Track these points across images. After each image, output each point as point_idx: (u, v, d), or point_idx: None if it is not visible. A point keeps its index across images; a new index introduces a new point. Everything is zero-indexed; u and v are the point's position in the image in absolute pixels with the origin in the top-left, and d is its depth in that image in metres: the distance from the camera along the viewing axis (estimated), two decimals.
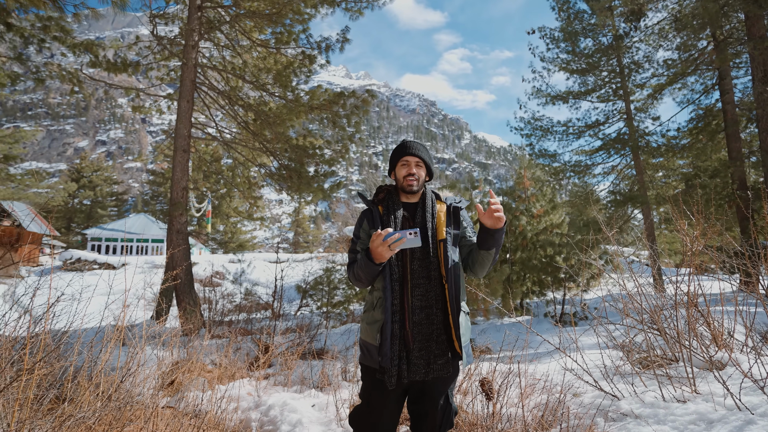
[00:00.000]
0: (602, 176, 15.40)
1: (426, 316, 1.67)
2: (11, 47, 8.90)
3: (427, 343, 1.65)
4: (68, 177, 40.38)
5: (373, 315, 1.71)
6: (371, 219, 1.79)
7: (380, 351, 1.62)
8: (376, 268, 1.61)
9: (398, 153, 1.83)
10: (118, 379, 2.24)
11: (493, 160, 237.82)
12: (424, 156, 1.82)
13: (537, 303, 9.41)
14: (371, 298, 1.77)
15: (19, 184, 17.03)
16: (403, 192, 1.82)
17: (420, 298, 1.67)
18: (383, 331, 1.62)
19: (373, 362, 1.67)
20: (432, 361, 1.64)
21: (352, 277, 1.74)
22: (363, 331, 1.77)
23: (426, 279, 1.69)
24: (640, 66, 14.85)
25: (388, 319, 1.62)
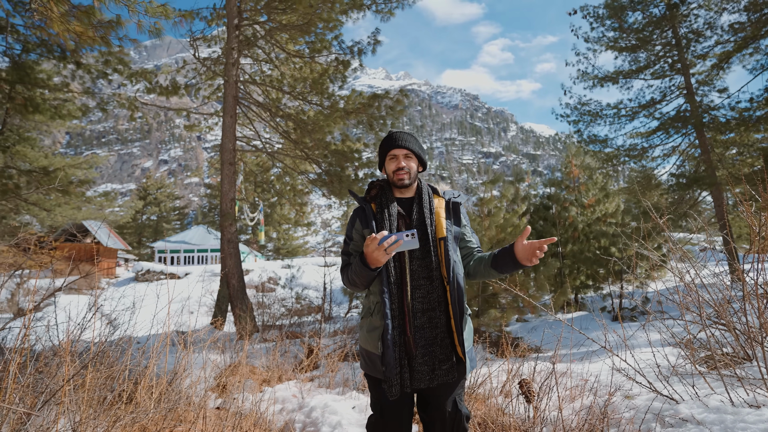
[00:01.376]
0: (662, 159, 14.22)
1: (428, 320, 1.57)
2: (81, 83, 9.92)
3: (430, 348, 1.55)
4: (136, 195, 44.07)
5: (372, 321, 1.60)
6: (364, 218, 1.67)
7: (383, 360, 1.51)
8: (372, 273, 1.51)
9: (385, 146, 1.71)
10: (166, 381, 2.39)
11: (542, 151, 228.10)
12: (412, 146, 1.68)
13: (593, 297, 8.85)
14: (368, 302, 1.66)
15: (96, 205, 18.87)
16: (395, 187, 1.70)
17: (421, 300, 1.57)
18: (384, 338, 1.51)
19: (377, 372, 1.57)
20: (437, 367, 1.55)
21: (346, 281, 1.64)
22: (362, 338, 1.66)
23: (427, 280, 1.59)
24: (700, 34, 13.55)
25: (388, 325, 1.51)
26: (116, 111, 12.07)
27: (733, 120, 12.84)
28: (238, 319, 7.59)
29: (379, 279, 1.57)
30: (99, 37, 4.47)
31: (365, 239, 1.62)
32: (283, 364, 4.43)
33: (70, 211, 16.70)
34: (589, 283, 8.25)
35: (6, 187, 11.01)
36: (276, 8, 8.69)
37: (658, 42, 13.88)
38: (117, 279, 22.81)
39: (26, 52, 9.16)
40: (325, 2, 7.93)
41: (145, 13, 4.18)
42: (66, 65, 9.23)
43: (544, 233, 8.52)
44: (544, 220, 8.78)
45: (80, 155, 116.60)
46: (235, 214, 8.58)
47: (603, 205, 8.98)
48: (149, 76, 10.16)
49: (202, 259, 32.51)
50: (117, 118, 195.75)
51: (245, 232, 35.29)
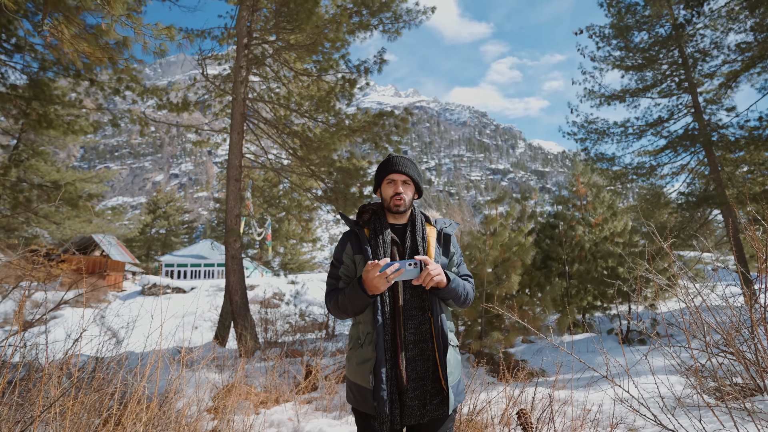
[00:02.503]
0: (671, 177, 14.08)
1: (420, 352, 1.52)
2: (95, 99, 10.19)
3: (422, 381, 1.49)
4: (146, 209, 44.62)
5: (362, 353, 1.52)
6: (356, 243, 1.63)
7: (375, 395, 1.43)
8: (368, 300, 1.46)
9: (383, 170, 1.67)
10: (156, 404, 2.34)
11: (550, 167, 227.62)
12: (411, 173, 1.64)
13: (601, 318, 8.65)
14: (356, 332, 1.59)
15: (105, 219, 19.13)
16: (390, 212, 1.66)
17: (413, 331, 1.52)
18: (377, 371, 1.44)
19: (368, 407, 1.48)
20: (427, 402, 1.49)
21: (333, 307, 1.57)
22: (351, 371, 1.57)
23: (419, 310, 1.55)
24: (707, 54, 13.56)
25: (381, 357, 1.44)
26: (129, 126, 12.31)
27: (743, 138, 12.71)
28: (240, 337, 7.53)
29: (371, 309, 1.52)
30: (107, 57, 4.60)
31: (356, 264, 1.60)
32: (281, 384, 4.36)
33: (79, 224, 16.93)
34: (597, 303, 8.08)
35: (17, 200, 11.23)
36: (284, 28, 8.88)
37: (664, 61, 13.90)
38: (124, 292, 22.92)
39: (43, 70, 9.45)
40: (332, 22, 8.09)
41: (151, 35, 4.31)
42: (80, 82, 9.50)
43: (550, 252, 8.41)
44: (551, 238, 8.68)
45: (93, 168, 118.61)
46: (240, 230, 8.61)
47: (611, 223, 8.86)
48: (160, 93, 10.39)
49: (209, 273, 32.60)
50: (130, 133, 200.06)
51: (253, 246, 35.41)
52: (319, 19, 7.69)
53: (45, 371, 1.82)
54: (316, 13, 7.57)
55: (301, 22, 7.62)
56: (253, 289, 18.86)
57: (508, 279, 5.64)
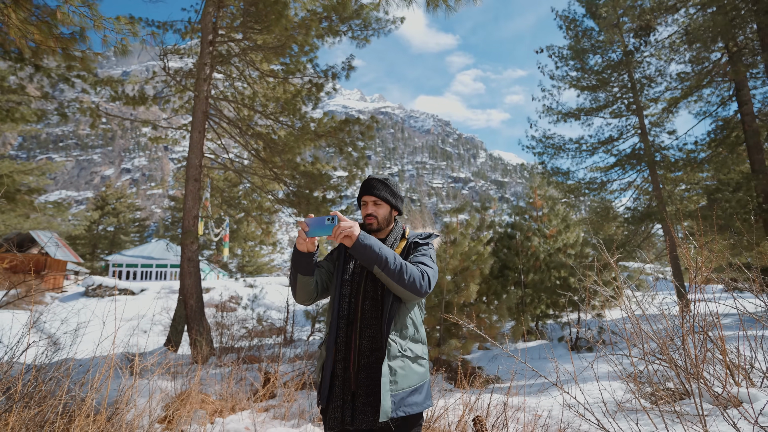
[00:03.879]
0: (619, 192, 15.06)
1: (375, 360, 1.55)
2: (39, 86, 9.48)
3: (375, 388, 1.52)
4: (93, 205, 41.88)
5: (321, 352, 1.69)
6: (339, 250, 1.79)
7: (319, 389, 1.59)
8: (298, 257, 1.58)
9: (360, 191, 1.81)
10: (105, 417, 2.23)
11: (509, 178, 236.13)
12: (381, 194, 1.74)
13: (553, 326, 9.09)
14: (324, 334, 1.77)
15: (46, 214, 17.76)
16: (372, 231, 1.77)
17: (369, 339, 1.57)
18: (324, 368, 1.58)
19: (319, 402, 1.61)
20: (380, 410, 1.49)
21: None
22: (315, 369, 1.74)
23: (377, 320, 1.59)
24: (652, 80, 14.69)
25: (329, 357, 1.57)
26: (77, 116, 11.52)
27: (681, 160, 13.85)
28: (194, 342, 7.25)
29: (330, 312, 1.66)
30: (60, 47, 4.31)
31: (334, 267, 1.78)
32: (237, 392, 4.25)
33: (15, 219, 15.64)
34: (549, 312, 8.48)
35: None
36: (252, 28, 8.72)
37: (615, 84, 14.90)
38: (64, 293, 21.34)
39: None
40: (302, 26, 8.04)
41: (112, 29, 4.08)
42: (23, 67, 8.82)
43: (507, 261, 8.74)
44: (508, 248, 9.02)
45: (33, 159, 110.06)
46: (198, 231, 8.31)
47: (564, 235, 9.34)
48: (115, 84, 9.86)
49: (161, 275, 31.05)
50: (78, 123, 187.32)
51: (209, 247, 34.11)
52: (288, 21, 7.63)
53: None
54: (286, 16, 7.50)
55: (270, 23, 7.52)
56: (208, 291, 18.17)
57: (467, 288, 5.82)
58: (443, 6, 6.74)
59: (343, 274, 1.69)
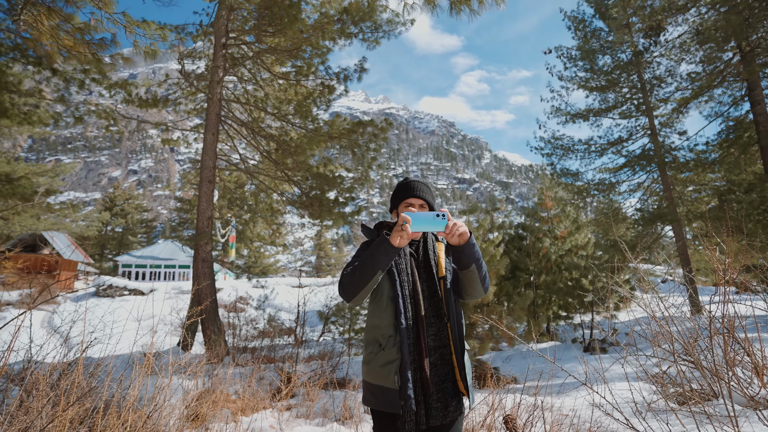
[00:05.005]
0: (628, 194, 15.00)
1: (440, 356, 1.63)
2: (55, 89, 9.62)
3: (443, 384, 1.60)
4: (102, 206, 42.29)
5: (386, 355, 1.59)
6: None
7: (402, 394, 1.51)
8: (392, 251, 1.51)
9: (402, 193, 1.77)
10: (145, 414, 2.29)
11: (514, 179, 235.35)
12: (428, 198, 1.76)
13: (564, 327, 9.08)
14: (375, 336, 1.65)
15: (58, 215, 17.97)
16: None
17: (433, 337, 1.63)
18: (402, 372, 1.52)
19: (392, 407, 1.54)
20: (449, 404, 1.60)
21: (349, 275, 1.60)
22: (373, 373, 1.62)
23: (437, 318, 1.66)
24: (662, 80, 14.63)
25: (407, 359, 1.54)
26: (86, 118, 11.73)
27: (692, 161, 13.77)
28: (210, 342, 7.32)
29: (392, 314, 1.61)
30: (91, 53, 4.40)
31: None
32: (258, 391, 4.30)
33: (29, 220, 15.83)
34: (561, 313, 8.48)
35: None
36: (265, 31, 8.81)
37: (625, 84, 14.85)
38: (75, 293, 21.56)
39: None
40: (315, 29, 8.11)
41: (143, 34, 4.17)
42: (40, 71, 8.95)
43: (518, 263, 8.75)
44: (519, 249, 9.03)
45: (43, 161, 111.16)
46: (212, 232, 8.40)
47: (574, 236, 9.34)
48: (129, 87, 9.98)
49: (170, 275, 31.27)
50: (86, 125, 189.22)
51: (215, 248, 34.31)
52: (302, 24, 7.70)
53: (41, 382, 1.75)
54: (300, 19, 7.57)
55: (284, 26, 7.60)
56: (218, 292, 18.30)
57: None
58: (467, 10, 6.77)
59: (400, 273, 1.66)
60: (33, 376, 2.10)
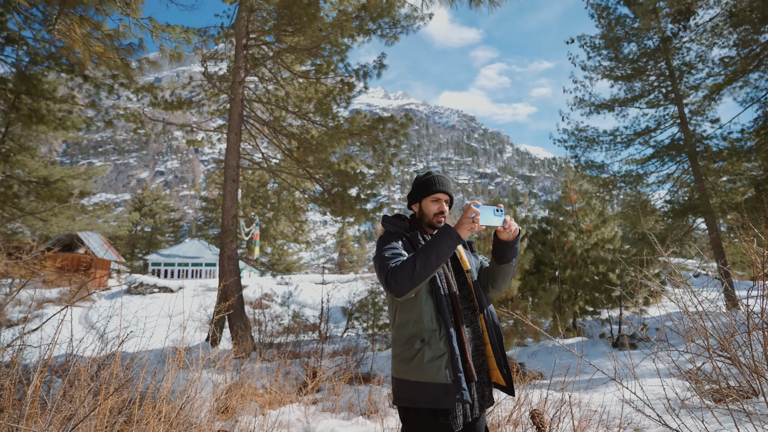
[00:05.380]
0: (657, 185, 14.48)
1: (475, 348, 1.64)
2: (86, 95, 10.03)
3: (480, 375, 1.62)
4: (132, 207, 43.81)
5: (431, 350, 1.53)
6: (408, 244, 1.70)
7: (456, 388, 1.48)
8: (456, 242, 1.50)
9: (426, 187, 1.77)
10: (179, 405, 2.38)
11: (537, 173, 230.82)
12: (451, 192, 1.80)
13: (591, 323, 8.88)
14: (414, 331, 1.58)
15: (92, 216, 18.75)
16: (429, 227, 1.79)
17: (469, 330, 1.64)
18: (455, 365, 1.50)
19: (444, 402, 1.49)
20: (485, 394, 1.62)
21: (401, 270, 1.51)
22: (417, 370, 1.54)
23: (470, 310, 1.68)
24: (692, 67, 14.02)
25: (457, 352, 1.51)
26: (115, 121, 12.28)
27: (725, 150, 13.17)
28: (237, 337, 7.51)
29: (433, 307, 1.59)
30: (119, 58, 4.59)
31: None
32: (285, 386, 4.39)
33: (65, 221, 16.55)
34: (588, 308, 8.29)
35: (5, 196, 10.96)
36: (285, 30, 8.91)
37: (652, 72, 14.32)
38: (109, 291, 22.47)
39: (34, 64, 9.27)
40: (334, 27, 8.15)
41: (169, 38, 4.32)
42: (73, 78, 9.34)
43: (542, 257, 8.60)
44: (543, 244, 8.87)
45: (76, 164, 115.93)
46: (237, 230, 8.59)
47: (600, 230, 9.10)
48: (155, 91, 10.29)
49: (197, 273, 32.17)
50: (115, 128, 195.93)
51: (240, 246, 35.04)
52: (321, 23, 7.75)
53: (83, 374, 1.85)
54: (319, 17, 7.63)
55: (303, 25, 7.67)
56: (243, 289, 18.72)
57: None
58: (486, 2, 6.66)
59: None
60: (75, 368, 2.21)
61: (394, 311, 1.69)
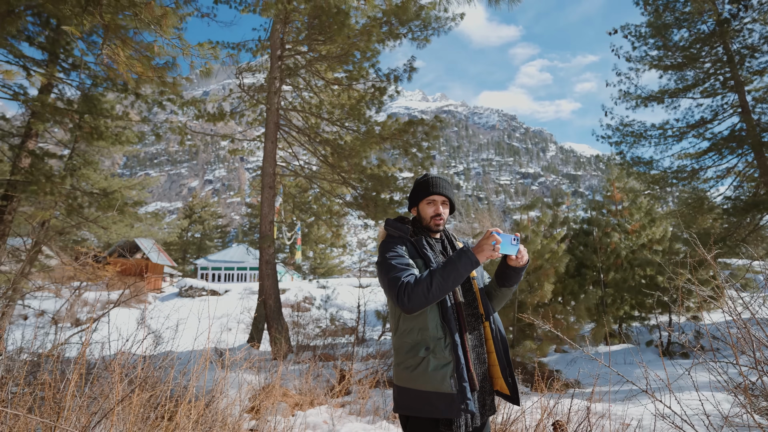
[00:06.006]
0: (715, 181, 13.38)
1: (477, 356, 1.61)
2: (139, 111, 10.83)
3: (482, 383, 1.60)
4: (183, 214, 46.48)
5: (436, 359, 1.51)
6: (412, 249, 1.69)
7: (461, 398, 1.46)
8: (475, 265, 1.50)
9: (423, 190, 1.76)
10: (204, 403, 2.49)
11: (583, 171, 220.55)
12: (449, 194, 1.76)
13: (639, 328, 8.32)
14: (417, 339, 1.56)
15: (147, 224, 20.17)
16: (429, 230, 1.78)
17: (472, 338, 1.62)
18: (460, 374, 1.48)
19: (449, 412, 1.47)
20: (486, 402, 1.60)
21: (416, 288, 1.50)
22: (421, 379, 1.52)
23: (473, 318, 1.65)
24: (755, 50, 12.86)
25: (462, 361, 1.49)
26: (167, 135, 13.34)
27: None
28: (274, 340, 7.75)
29: (438, 315, 1.57)
30: (156, 76, 4.96)
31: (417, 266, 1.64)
32: (315, 388, 4.47)
33: (123, 228, 17.85)
34: (634, 313, 7.79)
35: (72, 206, 12.04)
36: (316, 39, 9.14)
37: (707, 59, 13.28)
38: (162, 294, 23.95)
39: (95, 86, 10.14)
40: (363, 33, 8.26)
41: (198, 55, 4.61)
42: (127, 96, 10.11)
43: (584, 259, 8.20)
44: (585, 245, 8.46)
45: (135, 175, 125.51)
46: (274, 236, 8.88)
47: (648, 230, 8.54)
48: (198, 104, 10.90)
49: (242, 276, 33.55)
50: (168, 141, 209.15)
51: (283, 251, 36.18)
52: (350, 30, 7.88)
53: (115, 370, 2.00)
54: (348, 25, 7.76)
55: (333, 33, 7.83)
56: (284, 293, 19.29)
57: (541, 287, 5.56)
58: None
59: None
60: (111, 365, 2.38)
61: (397, 318, 1.67)
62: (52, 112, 8.97)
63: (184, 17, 8.24)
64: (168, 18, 3.73)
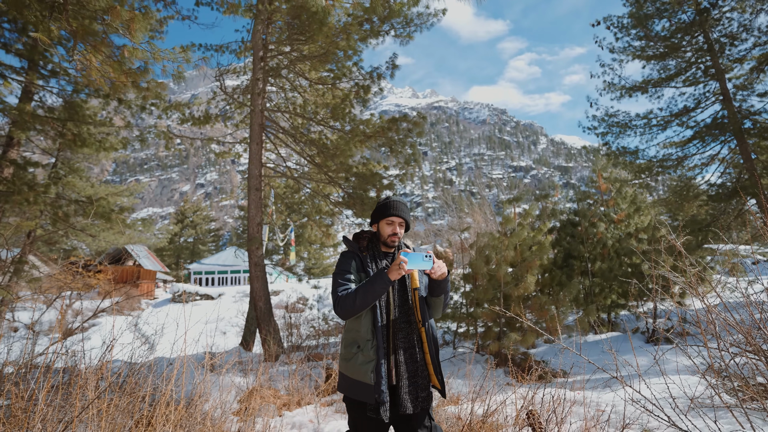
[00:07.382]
0: (700, 168, 13.55)
1: (410, 356, 1.90)
2: (123, 117, 10.72)
3: (414, 378, 1.88)
4: (174, 219, 46.11)
5: (364, 356, 1.86)
6: (359, 263, 2.01)
7: (376, 389, 1.79)
8: (388, 285, 1.79)
9: (383, 211, 2.04)
10: (183, 406, 2.49)
11: (574, 162, 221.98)
12: (405, 215, 2.04)
13: (627, 316, 8.42)
14: (353, 338, 1.94)
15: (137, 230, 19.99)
16: (384, 245, 2.07)
17: (403, 340, 1.91)
18: (378, 370, 1.81)
19: (367, 397, 1.81)
20: (419, 395, 1.87)
21: (349, 300, 1.83)
22: (351, 369, 1.90)
23: (407, 323, 1.93)
24: (735, 38, 13.02)
25: (382, 359, 1.82)
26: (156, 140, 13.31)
27: None
28: (265, 341, 7.74)
29: (370, 320, 1.89)
30: (130, 81, 4.92)
31: (361, 279, 1.99)
32: (302, 387, 4.48)
33: (113, 236, 17.68)
34: (621, 302, 7.88)
35: (57, 215, 11.90)
36: (298, 39, 9.10)
37: (688, 48, 13.42)
38: (156, 300, 23.78)
39: (76, 92, 10.01)
40: (343, 32, 8.24)
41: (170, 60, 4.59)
42: (110, 102, 9.99)
43: (571, 250, 8.27)
44: (572, 236, 8.53)
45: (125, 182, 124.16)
46: (262, 238, 8.85)
47: (635, 219, 8.64)
48: (182, 108, 10.81)
49: (236, 280, 33.40)
50: (158, 146, 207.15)
51: (277, 252, 36.05)
52: (330, 29, 7.86)
53: (83, 376, 1.99)
54: (327, 24, 7.74)
55: (313, 33, 7.80)
56: (277, 294, 19.24)
57: (525, 279, 5.60)
58: None
59: None
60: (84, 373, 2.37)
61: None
62: (33, 120, 8.85)
63: (165, 20, 8.17)
64: (136, 22, 3.71)
